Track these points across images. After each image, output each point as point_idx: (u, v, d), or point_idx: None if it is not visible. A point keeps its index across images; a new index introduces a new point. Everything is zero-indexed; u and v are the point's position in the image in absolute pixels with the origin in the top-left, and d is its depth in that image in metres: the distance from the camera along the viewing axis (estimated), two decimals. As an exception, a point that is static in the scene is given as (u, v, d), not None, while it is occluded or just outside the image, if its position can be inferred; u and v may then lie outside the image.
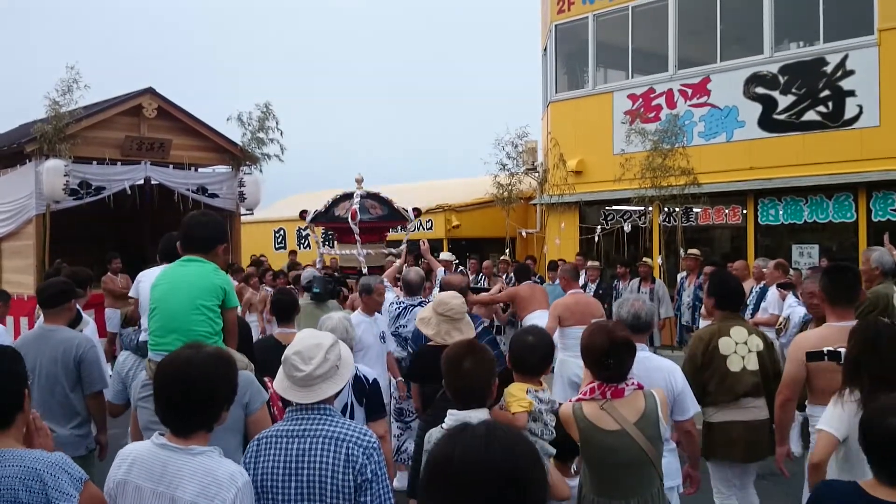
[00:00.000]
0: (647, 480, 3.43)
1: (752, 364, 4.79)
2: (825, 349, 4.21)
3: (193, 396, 2.54)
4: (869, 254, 6.30)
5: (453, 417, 3.05)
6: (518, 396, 3.51)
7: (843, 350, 3.81)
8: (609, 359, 3.40)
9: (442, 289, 6.25)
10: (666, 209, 14.07)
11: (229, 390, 2.66)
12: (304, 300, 7.25)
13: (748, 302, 8.66)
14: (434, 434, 3.26)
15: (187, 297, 3.78)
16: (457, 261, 12.85)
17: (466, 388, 3.12)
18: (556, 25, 17.07)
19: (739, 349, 4.80)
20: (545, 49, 17.85)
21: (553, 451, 3.64)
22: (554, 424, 3.66)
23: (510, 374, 3.75)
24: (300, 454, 2.70)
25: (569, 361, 7.43)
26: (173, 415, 2.57)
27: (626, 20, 15.81)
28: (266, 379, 3.96)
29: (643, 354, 4.10)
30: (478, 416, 3.04)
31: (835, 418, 3.60)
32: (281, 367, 2.85)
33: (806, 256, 13.11)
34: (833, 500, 2.63)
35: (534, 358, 3.72)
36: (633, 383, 3.48)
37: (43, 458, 2.50)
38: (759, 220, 13.87)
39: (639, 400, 3.44)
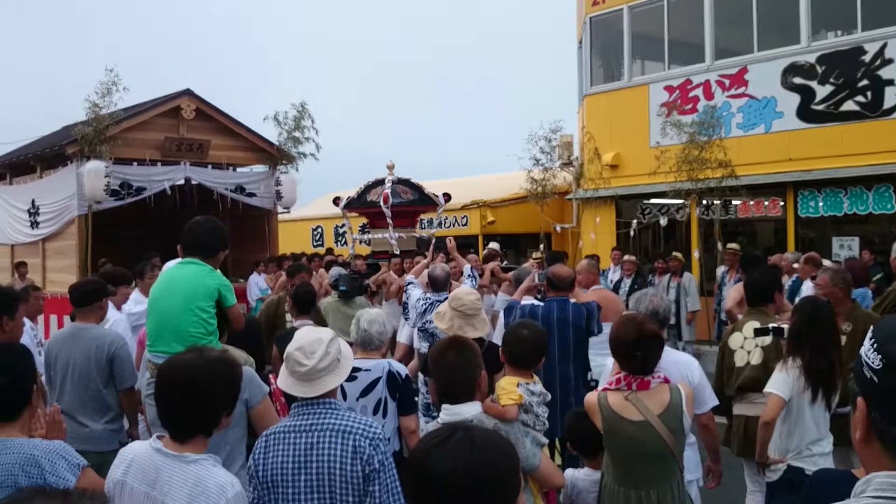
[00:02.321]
0: (669, 472, 3.46)
1: (756, 359, 4.75)
2: (770, 325, 4.63)
3: (192, 402, 2.50)
4: None
5: (447, 412, 3.10)
6: (508, 390, 3.56)
7: (785, 326, 4.40)
8: (637, 351, 3.45)
9: (549, 279, 5.89)
10: (704, 202, 13.91)
11: (230, 395, 2.61)
12: (332, 298, 7.36)
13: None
14: (429, 428, 3.31)
15: (181, 298, 3.86)
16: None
17: (450, 382, 3.17)
18: (590, 18, 16.92)
19: (747, 344, 4.80)
20: (580, 42, 17.71)
21: (546, 440, 3.71)
22: (546, 416, 3.70)
23: None
24: (308, 448, 2.75)
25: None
26: (172, 419, 2.54)
27: (661, 11, 15.61)
28: (270, 376, 4.03)
29: None
30: (469, 409, 3.09)
31: (780, 382, 4.15)
32: (283, 364, 2.89)
33: (846, 249, 12.83)
34: (829, 486, 2.64)
35: (527, 351, 3.77)
36: (659, 376, 3.51)
37: (42, 445, 2.61)
38: (798, 212, 13.61)
39: (664, 393, 3.47)
